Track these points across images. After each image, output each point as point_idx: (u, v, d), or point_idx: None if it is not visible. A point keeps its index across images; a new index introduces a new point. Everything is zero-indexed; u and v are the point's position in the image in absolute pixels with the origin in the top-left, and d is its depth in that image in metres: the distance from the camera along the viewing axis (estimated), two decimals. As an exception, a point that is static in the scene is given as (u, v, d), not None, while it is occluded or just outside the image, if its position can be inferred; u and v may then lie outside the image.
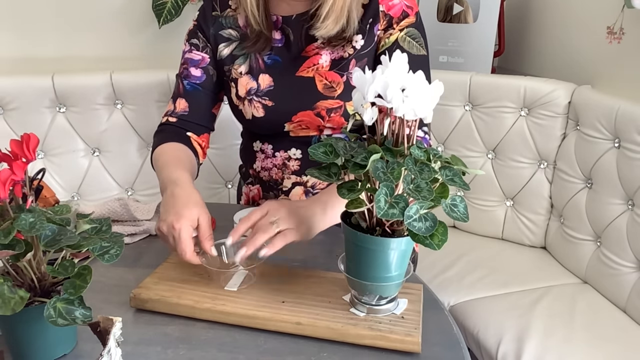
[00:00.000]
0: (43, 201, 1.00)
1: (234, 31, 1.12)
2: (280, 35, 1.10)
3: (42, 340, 0.70)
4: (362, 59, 1.06)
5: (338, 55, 1.07)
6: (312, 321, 0.76)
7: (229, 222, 1.14)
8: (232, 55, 1.12)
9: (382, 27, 1.06)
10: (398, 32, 1.05)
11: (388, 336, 0.74)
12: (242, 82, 1.11)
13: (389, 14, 1.05)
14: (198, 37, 1.14)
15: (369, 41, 1.06)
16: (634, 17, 1.44)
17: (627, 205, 1.35)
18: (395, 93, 0.68)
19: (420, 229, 0.66)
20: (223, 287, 0.84)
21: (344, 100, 1.05)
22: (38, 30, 1.73)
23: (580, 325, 1.26)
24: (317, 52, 1.07)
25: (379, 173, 0.67)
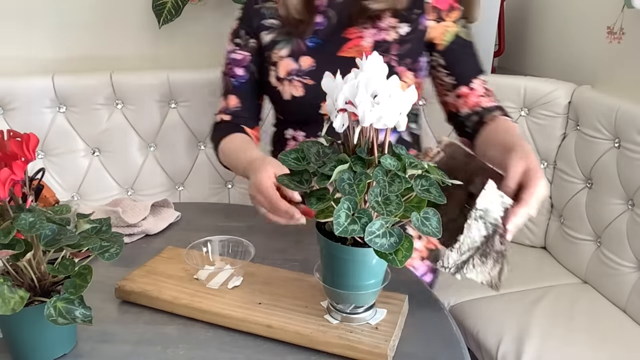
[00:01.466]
0: (43, 201, 1.00)
1: (275, 20, 1.18)
2: (323, 18, 1.15)
3: (42, 339, 0.70)
4: (405, 44, 1.13)
5: (381, 38, 1.13)
6: (283, 325, 0.76)
7: (229, 222, 1.14)
8: (274, 41, 1.18)
9: (430, 18, 1.13)
10: (453, 24, 1.14)
11: (356, 346, 0.72)
12: (282, 64, 1.16)
13: (437, 6, 1.13)
14: (240, 36, 1.21)
15: (414, 29, 1.13)
16: (634, 17, 1.44)
17: (627, 205, 1.35)
18: (364, 100, 0.65)
19: (383, 246, 0.63)
20: (205, 285, 0.85)
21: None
22: (38, 30, 1.73)
23: (580, 325, 1.26)
24: (359, 35, 1.13)
25: (344, 185, 0.64)
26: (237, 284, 0.85)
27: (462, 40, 1.15)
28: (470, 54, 1.17)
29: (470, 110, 1.14)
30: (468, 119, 1.14)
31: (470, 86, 1.14)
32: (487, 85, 1.16)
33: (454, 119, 1.18)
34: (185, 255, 0.88)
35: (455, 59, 1.15)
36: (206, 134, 1.72)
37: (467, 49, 1.16)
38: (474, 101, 1.14)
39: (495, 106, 1.14)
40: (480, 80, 1.15)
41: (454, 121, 1.19)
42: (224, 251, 0.92)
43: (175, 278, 0.86)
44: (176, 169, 1.76)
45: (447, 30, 1.14)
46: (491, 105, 1.13)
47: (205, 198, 1.76)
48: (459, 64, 1.15)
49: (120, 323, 0.80)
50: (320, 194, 0.69)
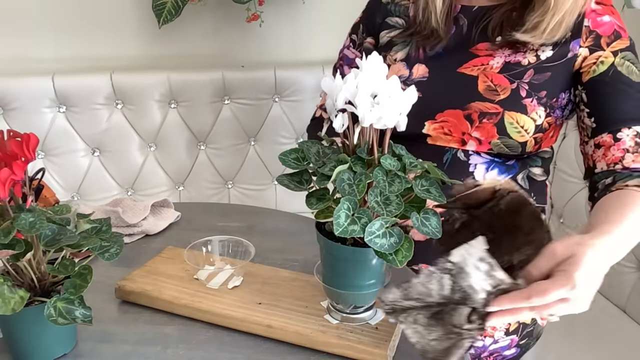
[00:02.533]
0: (43, 201, 1.00)
1: (400, 19, 1.04)
2: (453, 25, 0.98)
3: (42, 339, 0.70)
4: (544, 72, 0.91)
5: (515, 60, 0.92)
6: (283, 325, 0.76)
7: (229, 222, 1.14)
8: (391, 41, 1.03)
9: (584, 45, 0.90)
10: (611, 55, 0.89)
11: (356, 346, 0.72)
12: (394, 68, 1.01)
13: (596, 31, 0.91)
14: (358, 32, 1.11)
15: (559, 55, 0.91)
16: (634, 17, 1.44)
17: (627, 205, 1.35)
18: (364, 100, 0.64)
19: (383, 246, 0.62)
20: (205, 285, 0.85)
21: (505, 108, 0.91)
22: (38, 30, 1.73)
23: (580, 325, 1.26)
24: (490, 53, 0.94)
25: (344, 185, 0.64)
26: (237, 284, 0.85)
27: (618, 75, 0.89)
28: (630, 95, 0.88)
29: (606, 167, 0.88)
30: (601, 180, 0.88)
31: (616, 135, 0.87)
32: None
33: (590, 177, 0.92)
34: (185, 255, 0.88)
35: (601, 96, 0.89)
36: (206, 134, 1.72)
37: (624, 87, 0.88)
38: (616, 156, 0.87)
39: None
40: (635, 131, 0.87)
41: (590, 180, 0.92)
42: (224, 251, 0.92)
43: (176, 278, 0.86)
44: (176, 169, 1.76)
45: (601, 60, 0.90)
46: (637, 166, 0.85)
47: (205, 198, 1.76)
48: (605, 104, 0.89)
49: (120, 323, 0.80)
50: (320, 194, 0.69)
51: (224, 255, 0.92)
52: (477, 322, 0.63)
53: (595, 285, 0.64)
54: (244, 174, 1.77)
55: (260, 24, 1.73)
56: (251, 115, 1.72)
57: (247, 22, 1.72)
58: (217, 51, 1.81)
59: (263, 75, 1.67)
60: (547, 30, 0.88)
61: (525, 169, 0.98)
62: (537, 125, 0.91)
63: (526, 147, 0.93)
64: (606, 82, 0.89)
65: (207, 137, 1.73)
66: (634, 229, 0.73)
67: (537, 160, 1.00)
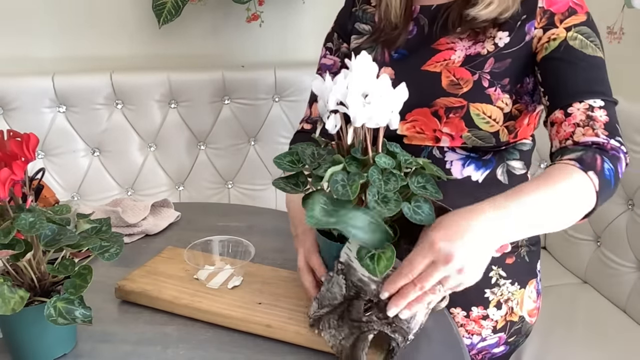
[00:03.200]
0: (43, 201, 1.00)
1: (367, 26, 1.06)
2: (413, 26, 0.99)
3: (42, 339, 0.70)
4: (504, 60, 0.90)
5: (474, 51, 0.92)
6: (283, 325, 0.76)
7: (229, 222, 1.14)
8: (359, 48, 1.05)
9: (539, 25, 0.88)
10: (564, 30, 0.87)
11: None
12: None
13: (550, 9, 0.88)
14: (333, 40, 1.12)
15: (517, 40, 0.89)
16: (634, 17, 1.44)
17: (627, 205, 1.35)
18: (355, 100, 0.64)
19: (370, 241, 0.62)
20: (205, 285, 0.85)
21: (469, 100, 0.90)
22: (38, 30, 1.73)
23: (581, 325, 1.26)
24: (450, 47, 0.94)
25: (338, 187, 0.63)
26: (237, 284, 0.85)
27: (570, 50, 0.85)
28: (582, 69, 0.85)
29: (559, 145, 0.84)
30: (554, 159, 0.84)
31: (567, 110, 0.83)
32: (598, 113, 0.82)
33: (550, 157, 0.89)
34: (185, 255, 0.88)
35: (553, 73, 0.86)
36: (206, 134, 1.72)
37: (577, 60, 0.85)
38: (567, 132, 0.83)
39: (592, 142, 0.80)
40: (587, 104, 0.83)
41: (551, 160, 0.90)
42: (224, 251, 0.93)
43: (176, 278, 0.86)
44: (176, 169, 1.76)
45: (553, 38, 0.87)
46: (587, 140, 0.80)
47: (205, 198, 1.76)
48: (557, 80, 0.86)
49: (120, 323, 0.80)
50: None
51: (224, 255, 0.92)
52: (376, 313, 0.66)
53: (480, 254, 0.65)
54: (244, 174, 1.77)
55: (260, 24, 1.73)
56: (251, 115, 1.72)
57: (247, 22, 1.72)
58: (217, 51, 1.81)
59: (263, 75, 1.67)
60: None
61: (503, 163, 0.97)
62: (505, 113, 0.90)
63: (500, 137, 0.92)
64: (557, 58, 0.86)
65: (207, 137, 1.73)
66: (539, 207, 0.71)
67: (514, 152, 0.98)
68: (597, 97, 0.83)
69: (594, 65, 0.86)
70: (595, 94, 0.84)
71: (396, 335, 0.67)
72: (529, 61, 0.90)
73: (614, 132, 0.83)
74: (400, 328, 0.67)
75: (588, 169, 0.75)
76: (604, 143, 0.80)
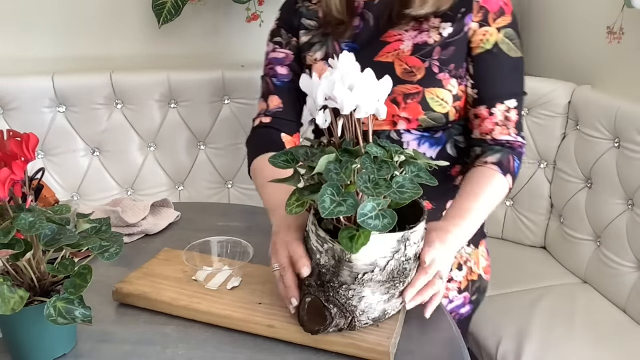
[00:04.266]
0: (43, 201, 1.00)
1: (312, 21, 1.11)
2: (360, 21, 1.06)
3: (42, 339, 0.70)
4: (448, 47, 1.01)
5: (422, 41, 1.02)
6: (285, 325, 0.76)
7: (229, 222, 1.14)
8: (310, 43, 1.10)
9: (476, 20, 1.01)
10: (496, 32, 1.01)
11: (359, 344, 0.73)
12: (317, 68, 1.08)
13: (485, 6, 1.01)
14: (281, 34, 1.13)
15: (458, 30, 1.01)
16: (634, 17, 1.44)
17: (627, 205, 1.35)
18: (342, 92, 0.66)
19: (377, 227, 0.64)
20: (204, 286, 0.84)
21: (424, 86, 1.00)
22: (38, 30, 1.73)
23: (580, 325, 1.26)
24: (398, 38, 1.03)
25: (332, 175, 0.66)
26: (236, 284, 0.84)
27: (500, 54, 1.01)
28: (506, 73, 1.03)
29: (480, 136, 1.04)
30: (474, 148, 1.05)
31: (491, 110, 1.02)
32: (512, 114, 1.02)
33: (470, 142, 1.08)
34: (184, 256, 0.87)
35: (484, 72, 1.02)
36: (206, 134, 1.72)
37: (503, 65, 1.02)
38: (488, 128, 1.02)
39: (507, 141, 1.02)
40: (506, 106, 1.02)
41: (469, 143, 1.08)
42: (222, 252, 0.92)
43: (174, 280, 0.86)
44: (176, 169, 1.76)
45: (487, 38, 1.00)
46: (503, 138, 1.02)
47: (205, 198, 1.76)
48: (486, 80, 1.02)
49: (120, 323, 0.80)
50: (314, 190, 0.70)
51: (222, 256, 0.92)
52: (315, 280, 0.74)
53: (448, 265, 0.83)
54: (244, 174, 1.77)
55: (260, 24, 1.73)
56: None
57: (247, 22, 1.72)
58: (217, 51, 1.81)
59: (263, 75, 1.67)
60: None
61: (452, 139, 1.07)
62: (453, 95, 1.02)
63: (449, 117, 1.03)
64: (490, 59, 1.01)
65: (207, 137, 1.73)
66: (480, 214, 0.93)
67: (459, 128, 1.09)
68: (514, 98, 1.03)
69: (517, 67, 1.04)
70: (513, 95, 1.03)
71: (331, 306, 0.71)
72: (467, 50, 1.03)
73: (520, 129, 1.04)
74: (336, 301, 0.71)
75: (506, 172, 0.98)
76: (514, 141, 1.02)
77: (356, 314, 0.72)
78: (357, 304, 0.72)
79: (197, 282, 0.85)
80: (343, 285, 0.71)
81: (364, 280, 0.70)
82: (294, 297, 0.74)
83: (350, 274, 0.70)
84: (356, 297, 0.72)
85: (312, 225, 0.73)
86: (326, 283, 0.72)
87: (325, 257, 0.71)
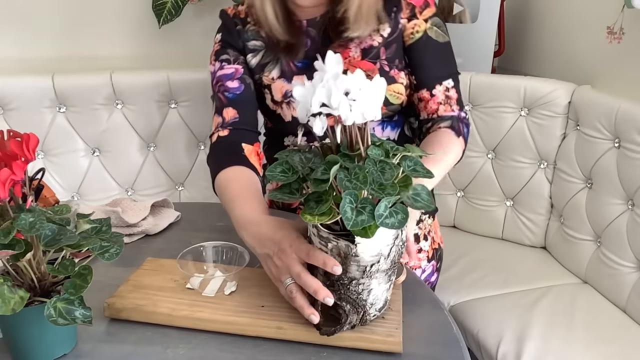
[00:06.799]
0: (43, 201, 1.00)
1: (258, 42, 1.14)
2: (306, 38, 1.11)
3: (42, 340, 0.70)
4: (391, 46, 1.10)
5: (367, 45, 1.10)
6: (293, 325, 0.75)
7: (229, 222, 1.14)
8: (261, 64, 1.13)
9: (405, 16, 1.10)
10: (424, 22, 1.10)
11: (369, 337, 0.73)
12: (276, 86, 1.12)
13: (412, 3, 1.10)
14: (227, 53, 1.14)
15: (394, 28, 1.10)
16: (634, 17, 1.44)
17: (627, 205, 1.35)
18: (341, 100, 0.66)
19: (394, 224, 0.65)
20: (200, 293, 0.82)
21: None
22: (38, 30, 1.73)
23: (581, 325, 1.26)
24: (345, 46, 1.10)
25: (345, 183, 0.66)
26: (233, 289, 0.83)
27: (430, 40, 1.10)
28: (438, 57, 1.12)
29: (427, 116, 1.13)
30: (423, 125, 1.14)
31: (432, 92, 1.11)
32: (451, 92, 1.12)
33: (418, 122, 1.17)
34: (178, 264, 0.85)
35: (418, 60, 1.11)
36: (206, 134, 1.72)
37: (435, 50, 1.11)
38: (433, 108, 1.12)
39: (452, 116, 1.11)
40: (444, 86, 1.12)
41: (417, 124, 1.18)
42: (218, 258, 0.90)
43: (167, 289, 0.83)
44: (176, 169, 1.76)
45: (417, 30, 1.10)
46: (447, 114, 1.11)
47: (205, 198, 1.76)
48: (422, 66, 1.11)
49: (120, 323, 0.80)
50: (317, 197, 0.70)
51: (218, 261, 0.90)
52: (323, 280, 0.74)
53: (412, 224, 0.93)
54: (244, 174, 1.77)
55: (260, 24, 1.72)
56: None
57: (247, 22, 1.71)
58: (217, 51, 1.81)
59: (263, 75, 1.67)
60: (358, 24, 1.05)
61: (407, 121, 1.19)
62: (405, 85, 1.12)
63: (403, 104, 1.13)
64: (422, 46, 1.11)
65: (207, 137, 1.73)
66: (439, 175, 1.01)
67: (409, 111, 1.19)
68: (450, 78, 1.12)
69: (446, 51, 1.13)
70: (448, 75, 1.12)
71: (343, 304, 0.72)
72: (402, 44, 1.11)
73: (462, 105, 1.14)
74: (348, 297, 0.72)
75: (458, 134, 1.09)
76: (458, 115, 1.12)
77: (366, 308, 0.74)
78: (366, 297, 0.73)
79: (192, 289, 0.83)
80: (353, 281, 0.72)
81: (372, 272, 0.72)
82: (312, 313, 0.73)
83: (358, 268, 0.71)
84: (365, 290, 0.73)
85: (314, 228, 0.73)
86: (336, 282, 0.72)
87: (331, 256, 0.72)
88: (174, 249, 0.96)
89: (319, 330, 0.73)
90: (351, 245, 0.70)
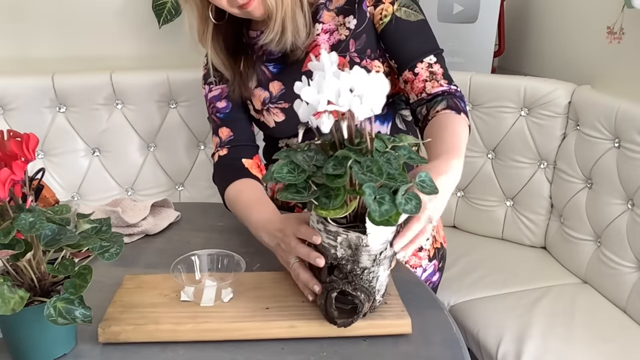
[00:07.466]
0: (43, 201, 1.00)
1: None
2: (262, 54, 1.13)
3: (42, 339, 0.70)
4: (360, 37, 1.09)
5: (335, 40, 1.09)
6: (305, 322, 0.76)
7: (228, 222, 1.14)
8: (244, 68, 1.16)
9: (370, 4, 1.08)
10: (390, 5, 1.07)
11: (379, 322, 0.76)
12: (255, 93, 1.15)
13: None
14: (212, 75, 1.19)
15: (362, 19, 1.08)
16: (634, 17, 1.44)
17: (627, 205, 1.35)
18: (350, 98, 0.67)
19: (412, 210, 0.67)
20: (199, 304, 0.80)
21: None
22: (38, 30, 1.73)
23: (580, 325, 1.26)
24: (315, 44, 1.09)
25: (360, 175, 0.66)
26: (231, 296, 0.81)
27: (400, 21, 1.07)
28: (413, 35, 1.08)
29: (416, 97, 1.08)
30: (418, 110, 1.09)
31: (414, 71, 1.07)
32: (435, 68, 1.08)
33: (410, 109, 1.12)
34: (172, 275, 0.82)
35: (393, 42, 1.08)
36: (206, 134, 1.72)
37: (407, 30, 1.08)
38: (419, 87, 1.07)
39: (442, 91, 1.06)
40: (426, 63, 1.07)
41: (410, 110, 1.13)
42: (212, 266, 0.87)
43: (161, 305, 0.79)
44: (176, 169, 1.76)
45: (385, 14, 1.07)
46: (437, 90, 1.06)
47: (205, 198, 1.76)
48: (398, 47, 1.08)
49: (120, 323, 0.80)
50: (326, 192, 0.70)
51: (212, 270, 0.87)
52: (337, 274, 0.75)
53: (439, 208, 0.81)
54: (244, 174, 1.77)
55: (260, 24, 1.72)
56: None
57: (247, 22, 1.71)
58: (217, 51, 1.81)
59: (263, 75, 1.67)
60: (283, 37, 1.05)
61: (397, 114, 1.17)
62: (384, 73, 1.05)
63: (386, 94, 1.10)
64: (392, 28, 1.07)
65: (206, 137, 1.73)
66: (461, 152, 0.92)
67: (400, 104, 1.17)
68: (430, 54, 1.08)
69: (421, 28, 1.09)
70: (429, 52, 1.08)
71: (358, 293, 0.73)
72: (376, 32, 1.09)
73: (450, 79, 1.08)
74: (362, 287, 0.74)
75: (458, 111, 1.01)
76: (449, 89, 1.06)
77: (375, 295, 0.76)
78: (375, 284, 0.75)
79: (188, 301, 0.81)
80: (365, 270, 0.74)
81: (381, 259, 0.74)
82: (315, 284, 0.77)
83: (369, 257, 0.73)
84: (375, 278, 0.75)
85: (320, 224, 0.75)
86: (349, 273, 0.74)
87: (341, 249, 0.73)
88: (173, 249, 0.96)
89: (334, 324, 0.75)
90: (362, 236, 0.71)
